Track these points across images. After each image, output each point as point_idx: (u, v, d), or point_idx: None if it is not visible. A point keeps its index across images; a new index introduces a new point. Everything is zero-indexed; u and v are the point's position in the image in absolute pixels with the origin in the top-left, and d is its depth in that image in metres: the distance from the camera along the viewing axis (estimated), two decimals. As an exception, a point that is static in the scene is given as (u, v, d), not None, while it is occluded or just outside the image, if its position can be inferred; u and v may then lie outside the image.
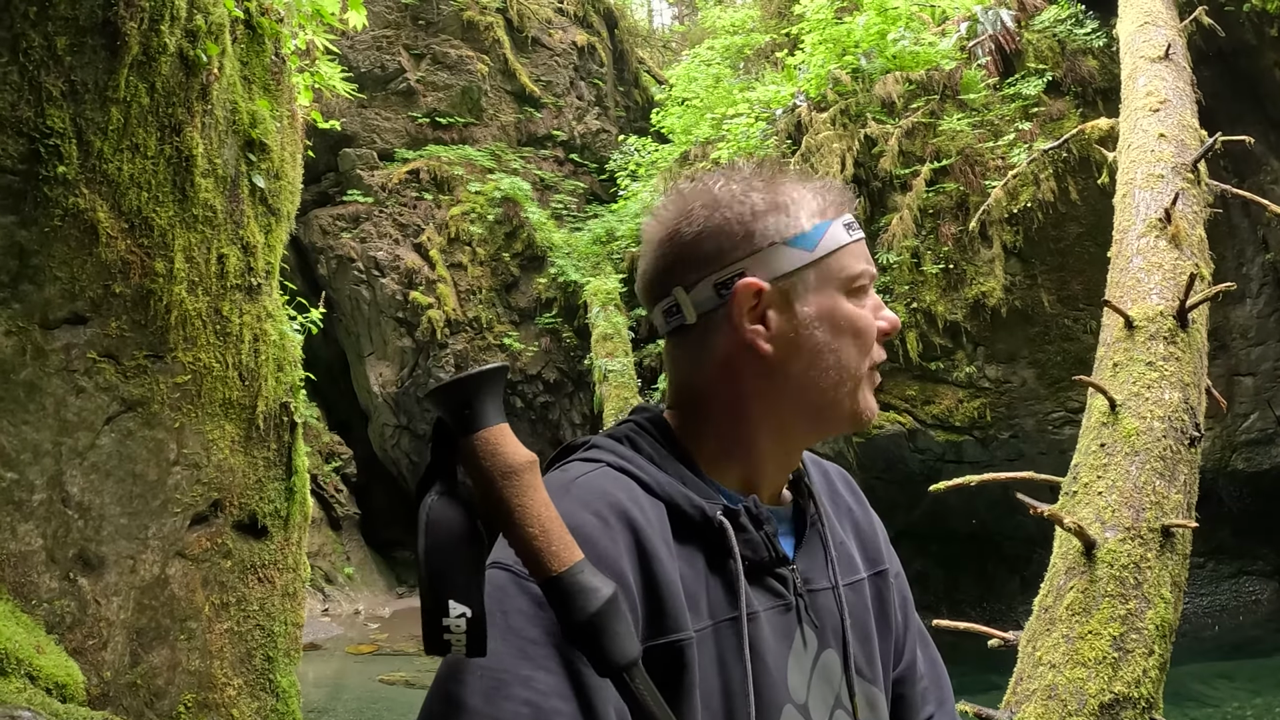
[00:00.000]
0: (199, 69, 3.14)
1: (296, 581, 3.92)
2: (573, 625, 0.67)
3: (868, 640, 0.94)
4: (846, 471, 1.08)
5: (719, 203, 0.87)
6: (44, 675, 2.31)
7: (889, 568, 1.02)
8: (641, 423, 0.89)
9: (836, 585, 0.91)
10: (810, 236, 0.86)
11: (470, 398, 0.68)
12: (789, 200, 0.87)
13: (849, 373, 0.86)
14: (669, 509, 0.81)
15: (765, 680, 0.81)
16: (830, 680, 0.88)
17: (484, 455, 0.67)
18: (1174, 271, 3.68)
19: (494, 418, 0.68)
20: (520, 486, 0.67)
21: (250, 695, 3.56)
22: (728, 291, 0.85)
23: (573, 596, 0.67)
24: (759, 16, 12.14)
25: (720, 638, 0.79)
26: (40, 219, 2.67)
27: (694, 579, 0.80)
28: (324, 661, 8.52)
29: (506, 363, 0.83)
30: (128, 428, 3.02)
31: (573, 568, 0.67)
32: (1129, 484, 3.06)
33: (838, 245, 0.87)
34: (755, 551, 0.84)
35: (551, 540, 0.67)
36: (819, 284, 0.86)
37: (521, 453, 0.68)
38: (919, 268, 7.78)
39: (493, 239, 11.30)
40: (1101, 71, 7.53)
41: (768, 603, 0.85)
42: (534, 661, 0.68)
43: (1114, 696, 2.56)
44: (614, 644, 0.67)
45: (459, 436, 0.68)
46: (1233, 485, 7.77)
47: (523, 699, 0.67)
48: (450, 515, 0.67)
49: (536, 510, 0.67)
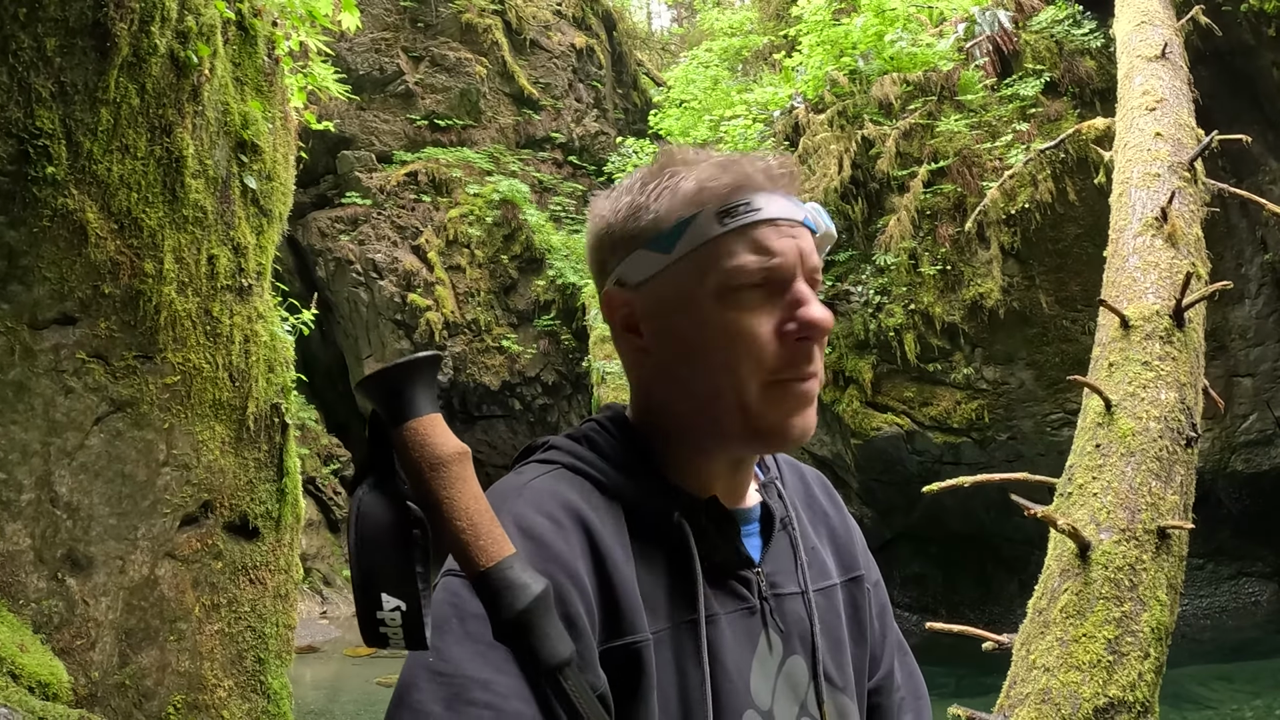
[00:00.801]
0: (190, 70, 3.13)
1: (288, 583, 3.91)
2: (500, 623, 0.66)
3: (838, 647, 0.91)
4: (826, 477, 1.07)
5: (600, 214, 0.86)
6: (26, 674, 2.29)
7: (865, 574, 1.00)
8: (602, 422, 0.87)
9: (806, 590, 0.89)
10: (667, 238, 0.79)
11: (400, 387, 0.66)
12: (656, 197, 0.81)
13: (732, 385, 0.78)
14: (626, 510, 0.80)
15: (725, 685, 0.79)
16: (796, 687, 0.86)
17: (413, 446, 0.65)
18: (1170, 270, 3.67)
19: (425, 408, 0.66)
20: (448, 478, 0.65)
21: (241, 697, 3.54)
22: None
23: (499, 593, 0.65)
24: (757, 19, 12.14)
25: (679, 640, 0.78)
26: (29, 219, 2.66)
27: (652, 581, 0.78)
28: (322, 664, 8.51)
29: (439, 352, 0.82)
30: (117, 428, 3.01)
31: (501, 563, 0.65)
32: (1124, 485, 3.04)
33: (703, 239, 0.78)
34: (716, 553, 0.82)
35: (479, 534, 0.65)
36: (679, 287, 0.79)
37: (451, 443, 0.66)
38: (916, 269, 7.76)
39: (491, 241, 11.30)
40: (1099, 72, 7.52)
41: (730, 606, 0.83)
42: (492, 665, 0.67)
43: (1109, 700, 2.54)
44: (542, 644, 0.65)
45: (391, 426, 0.66)
46: (1232, 486, 7.75)
47: (483, 703, 0.66)
48: (381, 509, 0.65)
49: (464, 503, 0.65)
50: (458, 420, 11.28)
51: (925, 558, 8.60)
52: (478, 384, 11.04)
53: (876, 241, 7.93)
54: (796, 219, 0.81)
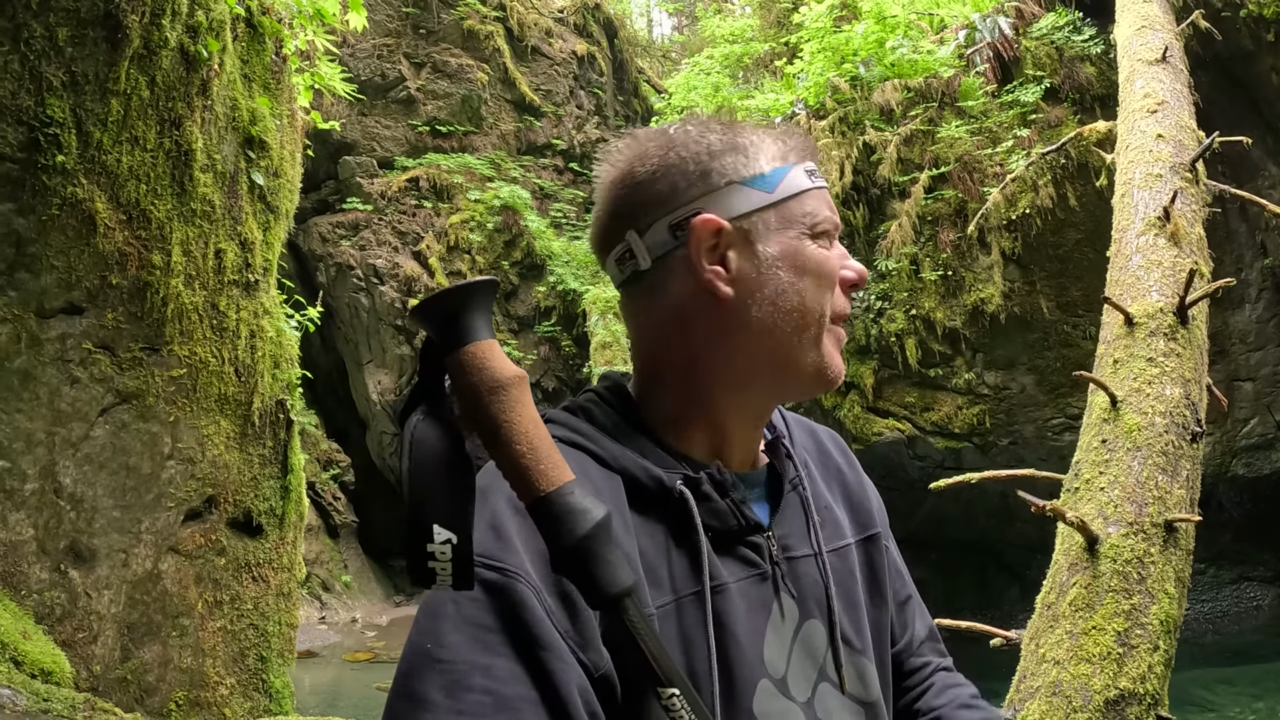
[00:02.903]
0: (199, 64, 3.14)
1: (291, 581, 3.89)
2: (561, 550, 0.63)
3: (855, 609, 0.89)
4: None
5: (674, 142, 0.83)
6: (29, 661, 2.28)
7: (881, 532, 0.98)
8: (600, 392, 0.85)
9: (819, 552, 0.86)
10: (769, 179, 0.83)
11: (457, 310, 0.64)
12: (747, 142, 0.84)
13: (812, 316, 0.81)
14: (626, 481, 0.78)
15: (736, 655, 0.77)
16: (813, 652, 0.83)
17: (470, 370, 0.63)
18: (1173, 269, 3.68)
19: (483, 332, 0.65)
20: (508, 402, 0.63)
21: (243, 695, 3.52)
22: (683, 232, 0.80)
23: (561, 519, 0.63)
24: (758, 25, 12.21)
25: (684, 613, 0.75)
26: (38, 207, 2.66)
27: (655, 553, 0.76)
28: (321, 669, 8.46)
29: (496, 278, 0.80)
30: (122, 420, 3.00)
31: (562, 488, 0.63)
32: (1131, 479, 3.03)
33: (799, 189, 0.83)
34: (722, 520, 0.80)
35: (540, 458, 0.63)
36: (780, 225, 0.82)
37: (509, 367, 0.65)
38: (918, 274, 7.78)
39: (492, 247, 11.31)
40: (1099, 78, 7.56)
41: (740, 573, 0.80)
42: (490, 649, 0.65)
43: (1119, 692, 2.53)
44: (605, 571, 0.63)
45: (445, 352, 0.65)
46: (1233, 490, 7.75)
47: (483, 688, 0.64)
48: (435, 436, 0.63)
49: (524, 427, 0.63)
50: (457, 426, 11.27)
51: (926, 563, 8.58)
52: (478, 390, 11.03)
53: (878, 247, 7.95)
54: None
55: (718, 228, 0.80)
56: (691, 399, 0.83)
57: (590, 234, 0.89)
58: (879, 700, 0.88)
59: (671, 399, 0.84)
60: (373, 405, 11.31)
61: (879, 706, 0.88)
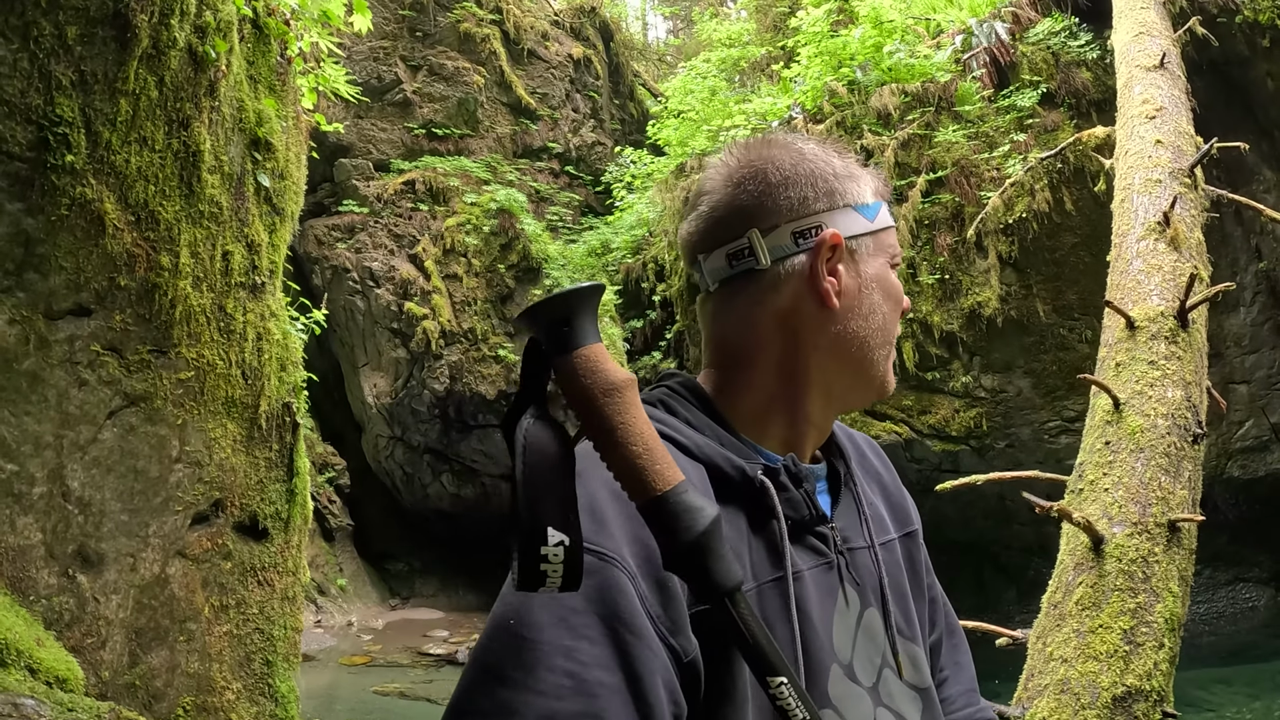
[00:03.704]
0: (207, 65, 3.14)
1: (296, 585, 3.88)
2: (678, 547, 0.65)
3: (903, 599, 0.95)
4: None
5: (805, 156, 0.90)
6: (44, 668, 2.26)
7: (917, 529, 1.04)
8: (674, 387, 0.88)
9: (872, 544, 0.91)
10: (872, 208, 0.91)
11: (570, 314, 0.66)
12: (859, 173, 0.92)
13: (890, 336, 0.91)
14: (709, 470, 0.81)
15: (812, 640, 0.80)
16: (875, 639, 0.87)
17: (585, 373, 0.65)
18: (1173, 273, 3.71)
19: (592, 336, 0.66)
20: (623, 404, 0.65)
21: (249, 700, 3.51)
22: (806, 241, 0.86)
23: (678, 516, 0.64)
24: (754, 29, 12.24)
25: (765, 599, 0.78)
26: (47, 207, 2.65)
27: (737, 540, 0.79)
28: (317, 673, 8.42)
29: (603, 282, 0.83)
30: (130, 423, 2.99)
31: (677, 487, 0.65)
32: (1135, 480, 3.06)
33: (888, 224, 0.93)
34: (796, 510, 0.84)
35: (656, 459, 0.65)
36: (876, 251, 0.91)
37: (620, 371, 0.66)
38: (915, 278, 7.81)
39: (488, 250, 11.30)
40: (1095, 83, 7.62)
41: (810, 561, 0.84)
42: (575, 631, 0.66)
43: (1126, 689, 2.55)
44: (719, 565, 0.65)
45: (556, 355, 0.66)
46: (1228, 492, 7.80)
47: (564, 670, 0.64)
48: (547, 439, 0.64)
49: (639, 428, 0.65)
50: (454, 429, 11.25)
51: (923, 566, 8.61)
52: (474, 393, 11.00)
53: (875, 250, 7.98)
54: None
55: (838, 243, 0.87)
56: (781, 395, 0.88)
57: (691, 231, 0.91)
58: (931, 686, 0.92)
59: (758, 393, 0.88)
60: (368, 408, 11.27)
61: (931, 692, 0.92)
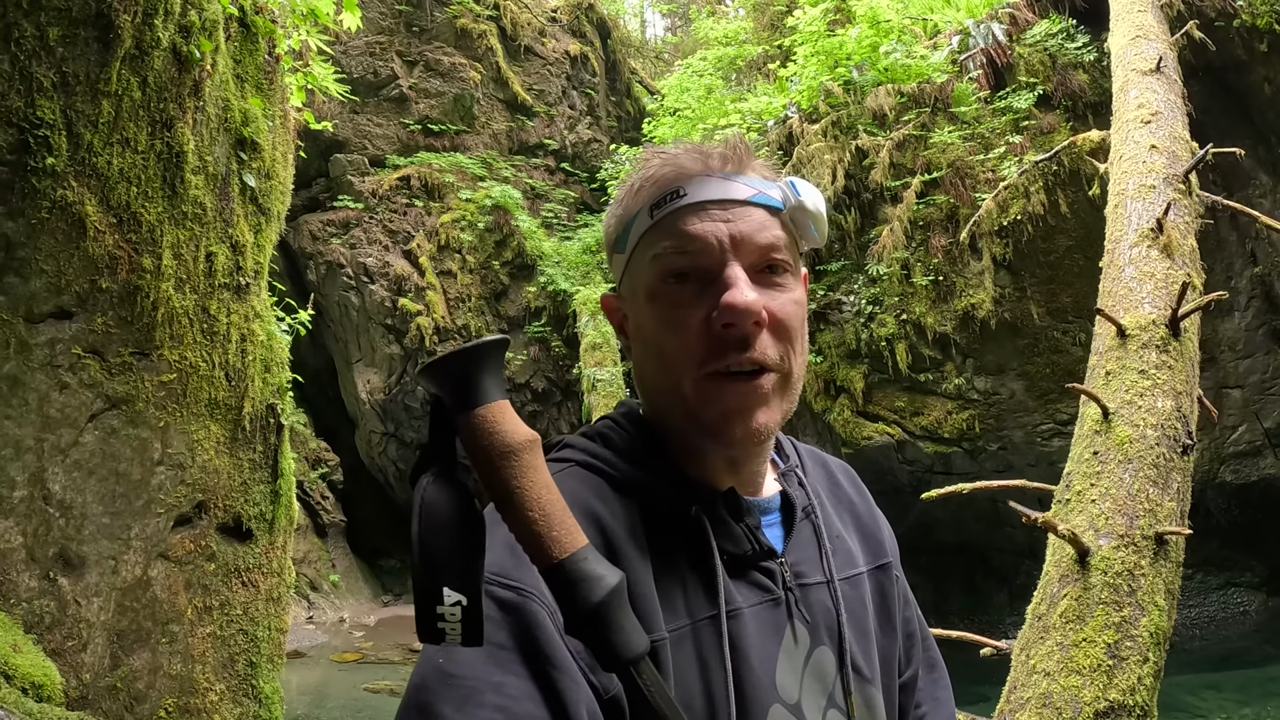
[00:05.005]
0: (192, 65, 3.11)
1: (281, 586, 3.86)
2: (576, 615, 0.63)
3: (865, 637, 0.90)
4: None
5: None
6: (20, 675, 2.24)
7: (892, 562, 0.99)
8: (617, 419, 0.87)
9: (831, 579, 0.88)
10: (622, 237, 0.84)
11: (468, 372, 0.64)
12: (621, 200, 0.86)
13: (675, 371, 0.79)
14: (642, 505, 0.79)
15: (750, 680, 0.77)
16: (823, 679, 0.84)
17: (482, 434, 0.63)
18: (1166, 281, 3.70)
19: (494, 394, 0.64)
20: (520, 468, 0.63)
21: (232, 701, 3.49)
22: None
23: (574, 585, 0.63)
24: (751, 28, 12.20)
25: (699, 637, 0.76)
26: (28, 210, 2.62)
27: (670, 577, 0.77)
28: (308, 669, 8.41)
29: (507, 335, 0.80)
30: (111, 425, 2.97)
31: (575, 554, 0.63)
32: (1122, 491, 3.05)
33: (640, 234, 0.82)
34: (736, 544, 0.81)
35: (552, 525, 0.63)
36: (634, 283, 0.83)
37: (522, 431, 0.64)
38: (909, 279, 7.80)
39: (483, 247, 11.27)
40: (1092, 85, 7.60)
41: (753, 598, 0.81)
42: (503, 667, 0.66)
43: (1109, 704, 2.54)
44: (619, 636, 0.64)
45: (456, 414, 0.64)
46: (1221, 497, 7.81)
47: (494, 705, 0.65)
48: (445, 499, 0.63)
49: (536, 493, 0.63)
50: (448, 426, 11.22)
51: (915, 568, 8.59)
52: (468, 389, 10.99)
53: (869, 251, 7.97)
54: (734, 198, 0.79)
55: (613, 305, 0.89)
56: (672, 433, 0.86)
57: None
58: None
59: (666, 429, 0.85)
60: (362, 404, 11.25)
61: None
